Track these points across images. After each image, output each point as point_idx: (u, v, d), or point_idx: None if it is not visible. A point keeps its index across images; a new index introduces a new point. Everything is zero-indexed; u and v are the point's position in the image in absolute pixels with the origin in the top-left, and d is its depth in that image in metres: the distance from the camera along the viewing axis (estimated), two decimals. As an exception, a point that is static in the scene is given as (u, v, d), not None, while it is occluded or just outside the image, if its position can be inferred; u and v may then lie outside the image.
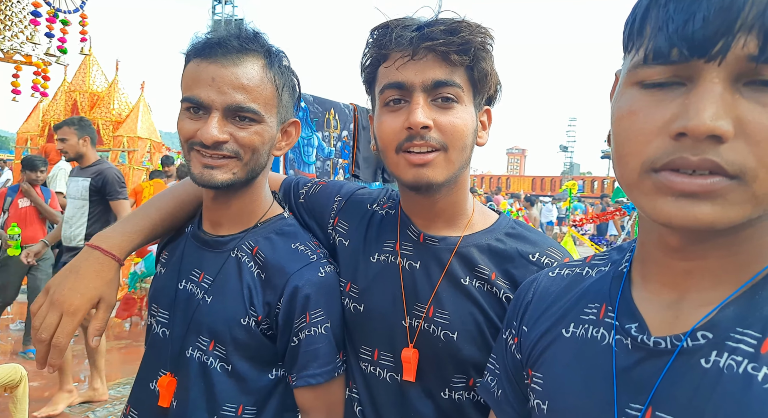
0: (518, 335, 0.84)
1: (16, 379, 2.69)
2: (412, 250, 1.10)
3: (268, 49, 1.11)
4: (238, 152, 1.07)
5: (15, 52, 4.80)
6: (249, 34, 1.10)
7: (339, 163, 4.08)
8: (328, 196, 1.27)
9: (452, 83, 0.99)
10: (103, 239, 1.15)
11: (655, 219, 0.58)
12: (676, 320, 0.63)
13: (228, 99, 1.03)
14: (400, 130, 1.00)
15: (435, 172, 1.00)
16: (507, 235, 1.10)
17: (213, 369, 1.10)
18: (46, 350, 1.03)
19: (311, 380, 1.08)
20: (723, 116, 0.51)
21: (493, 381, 0.89)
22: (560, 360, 0.74)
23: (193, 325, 1.13)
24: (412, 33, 0.98)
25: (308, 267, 1.11)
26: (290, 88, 1.16)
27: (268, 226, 1.19)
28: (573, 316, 0.76)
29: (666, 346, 0.62)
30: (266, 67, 1.09)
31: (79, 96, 8.20)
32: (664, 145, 0.55)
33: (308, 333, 1.08)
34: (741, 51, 0.51)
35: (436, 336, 1.04)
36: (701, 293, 0.62)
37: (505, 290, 1.03)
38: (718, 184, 0.53)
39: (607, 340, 0.69)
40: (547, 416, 0.73)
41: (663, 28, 0.54)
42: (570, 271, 0.84)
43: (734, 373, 0.56)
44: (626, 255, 0.76)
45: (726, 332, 0.58)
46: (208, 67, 1.04)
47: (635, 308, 0.68)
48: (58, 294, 1.06)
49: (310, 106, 3.75)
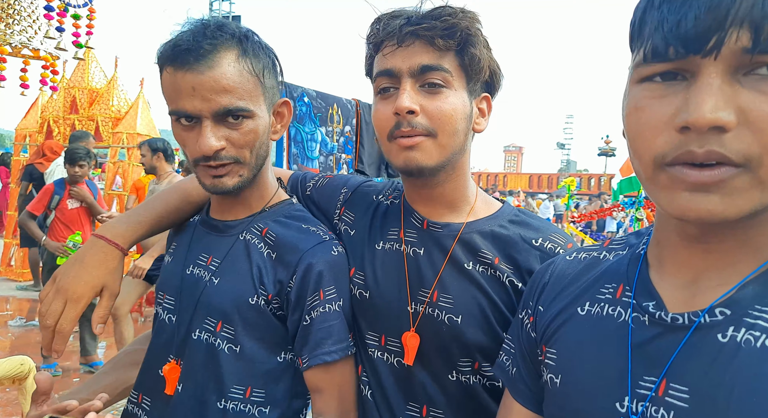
0: (534, 314, 0.86)
1: (24, 371, 2.70)
2: (415, 237, 1.12)
3: (238, 37, 1.08)
4: (236, 157, 1.08)
5: (24, 46, 4.80)
6: (215, 27, 1.06)
7: (342, 159, 4.10)
8: (334, 188, 1.30)
9: (439, 68, 1.01)
10: (108, 229, 1.17)
11: (670, 213, 0.60)
12: (694, 298, 0.65)
13: (214, 105, 1.03)
14: (390, 117, 1.02)
15: (424, 156, 1.01)
16: (510, 222, 1.11)
17: (221, 351, 1.10)
18: (51, 335, 1.06)
19: (326, 358, 1.07)
20: (723, 107, 0.54)
21: (508, 360, 0.91)
22: (575, 336, 0.76)
23: (200, 307, 1.13)
24: (399, 21, 1.02)
25: (321, 245, 1.12)
26: (271, 68, 1.14)
27: (277, 210, 1.20)
28: (589, 295, 0.78)
29: (683, 322, 0.64)
30: (241, 57, 1.06)
31: (78, 93, 8.18)
32: (672, 140, 0.58)
33: (322, 310, 1.08)
34: (735, 45, 0.53)
35: (440, 320, 1.05)
36: (718, 273, 0.64)
37: (508, 275, 1.05)
38: (726, 174, 0.55)
39: (623, 317, 0.71)
40: (560, 390, 0.75)
41: (659, 29, 0.57)
42: (587, 255, 0.86)
43: (752, 347, 0.58)
44: (644, 239, 0.78)
45: (745, 309, 0.60)
46: (185, 76, 1.02)
47: (653, 288, 0.70)
48: (63, 282, 1.09)
49: (313, 101, 3.77)
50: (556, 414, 0.76)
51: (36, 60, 5.19)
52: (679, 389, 0.61)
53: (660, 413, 0.62)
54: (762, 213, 0.59)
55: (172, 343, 1.16)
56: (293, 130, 3.62)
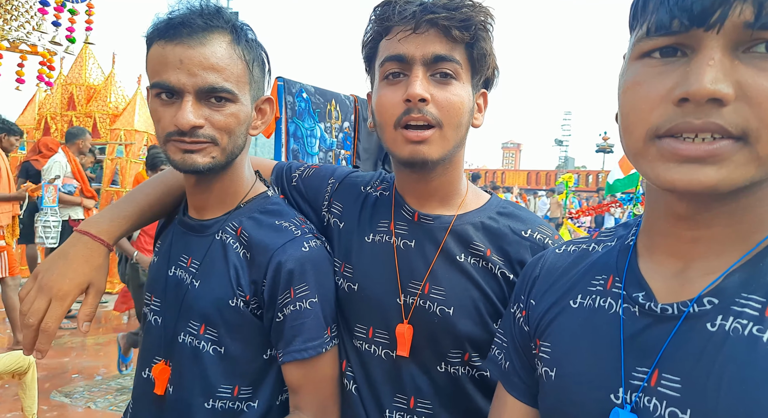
0: (526, 308, 0.86)
1: (24, 366, 2.71)
2: (406, 229, 1.12)
3: (233, 25, 1.07)
4: (214, 137, 1.05)
5: (21, 41, 4.79)
6: (212, 10, 1.05)
7: (341, 155, 4.11)
8: (321, 179, 1.28)
9: (452, 59, 1.01)
10: (92, 225, 1.14)
11: (659, 185, 0.61)
12: (682, 288, 0.66)
13: (200, 81, 1.00)
14: (398, 104, 1.01)
15: (431, 150, 1.01)
16: (498, 214, 1.12)
17: (205, 353, 1.10)
18: (33, 335, 1.03)
19: (297, 355, 1.07)
20: (722, 80, 0.55)
21: (500, 354, 0.91)
22: (568, 329, 0.77)
23: (184, 310, 1.13)
24: (415, 7, 1.00)
25: (291, 243, 1.10)
26: (260, 63, 1.13)
27: (252, 205, 1.18)
28: (580, 288, 0.79)
29: (673, 312, 0.65)
30: (233, 43, 1.06)
31: (75, 89, 8.16)
32: (668, 112, 0.58)
33: (293, 308, 1.07)
34: (738, 19, 0.54)
35: (432, 312, 1.05)
36: (706, 262, 0.65)
37: (500, 266, 1.06)
38: (725, 148, 0.56)
39: (614, 309, 0.72)
40: (555, 383, 0.76)
41: (664, 2, 0.58)
42: (576, 247, 0.87)
43: (740, 335, 0.59)
44: (632, 229, 0.79)
45: (731, 297, 0.62)
46: (174, 49, 1.00)
47: (642, 278, 0.71)
48: (46, 279, 1.05)
49: (312, 97, 3.77)
50: (552, 406, 0.77)
51: (33, 55, 5.19)
52: (671, 378, 0.62)
53: (653, 402, 0.63)
54: (747, 196, 0.61)
55: (161, 344, 1.16)
56: (293, 126, 3.62)
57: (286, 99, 3.57)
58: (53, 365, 4.55)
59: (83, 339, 5.14)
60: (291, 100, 3.61)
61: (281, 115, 3.54)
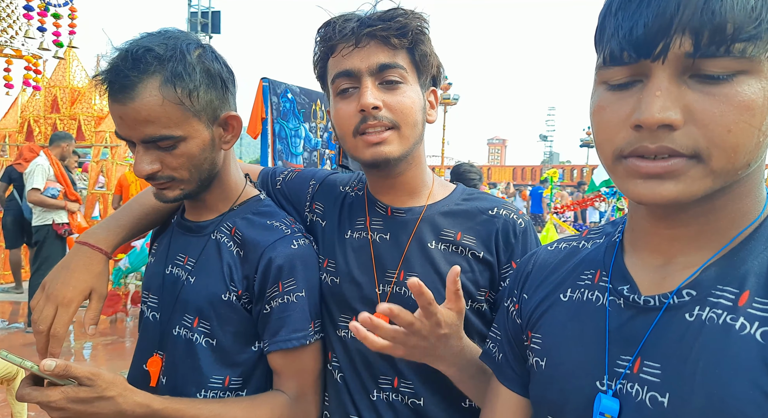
0: (519, 302, 0.91)
1: (12, 372, 2.70)
2: (381, 224, 1.20)
3: (164, 61, 1.05)
4: (172, 177, 1.12)
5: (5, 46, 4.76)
6: (139, 56, 1.04)
7: (326, 154, 4.13)
8: (303, 181, 1.36)
9: (396, 65, 1.08)
10: (90, 235, 1.23)
11: (630, 198, 0.67)
12: (663, 281, 0.70)
13: (139, 134, 1.07)
14: (354, 114, 1.08)
15: (391, 148, 1.09)
16: (464, 199, 1.21)
17: (198, 345, 1.17)
18: (45, 340, 1.11)
19: (282, 345, 1.14)
20: (671, 107, 0.60)
21: (494, 348, 0.96)
22: (558, 321, 0.81)
23: (179, 305, 1.20)
24: (353, 24, 1.08)
25: (281, 240, 1.17)
26: (210, 82, 1.11)
27: (245, 207, 1.25)
28: (570, 282, 0.83)
29: (654, 303, 0.69)
30: (163, 84, 1.04)
31: (59, 92, 8.09)
32: (628, 136, 0.64)
33: (281, 301, 1.15)
34: (679, 50, 0.59)
35: (407, 296, 1.11)
36: (685, 257, 0.70)
37: (470, 247, 1.14)
38: (678, 165, 0.61)
39: (601, 301, 0.76)
40: (545, 372, 0.80)
41: (615, 35, 0.63)
42: (567, 244, 0.91)
43: (715, 324, 0.63)
44: (619, 227, 0.83)
45: (708, 289, 0.66)
46: (113, 105, 1.06)
47: (627, 272, 0.75)
48: (52, 288, 1.14)
49: (296, 97, 3.78)
50: (542, 395, 0.81)
51: (18, 59, 5.15)
52: (652, 365, 0.67)
53: (635, 388, 0.67)
54: (719, 197, 0.65)
55: (156, 339, 1.23)
56: (277, 127, 3.63)
57: (272, 100, 3.58)
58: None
59: (70, 345, 5.11)
60: (276, 101, 3.63)
61: (267, 115, 3.56)
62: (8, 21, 4.84)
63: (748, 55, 0.57)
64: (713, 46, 0.57)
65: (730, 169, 0.61)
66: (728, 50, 0.57)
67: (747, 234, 0.67)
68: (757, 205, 0.68)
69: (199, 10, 22.75)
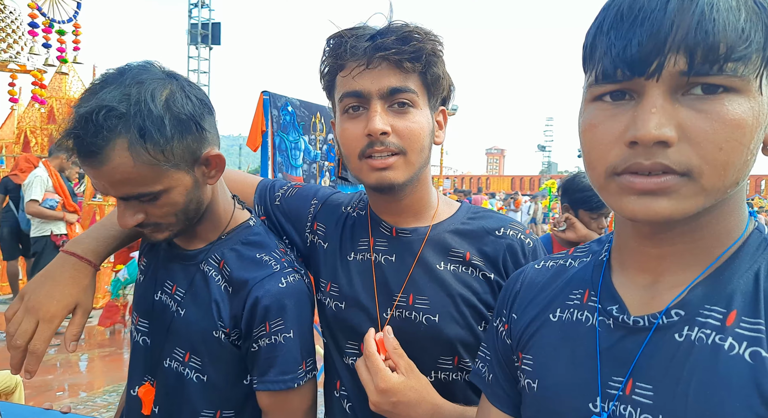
0: (508, 321, 0.90)
1: (11, 385, 2.69)
2: (386, 245, 1.16)
3: (127, 120, 0.97)
4: (158, 223, 1.09)
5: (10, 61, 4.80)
6: (101, 120, 0.96)
7: (325, 166, 4.14)
8: (304, 199, 1.31)
9: (407, 89, 1.04)
10: (77, 245, 1.15)
11: (623, 215, 0.67)
12: (652, 300, 0.71)
13: (117, 191, 1.03)
14: (360, 137, 1.04)
15: (396, 174, 1.05)
16: (470, 218, 1.17)
17: (189, 380, 1.14)
18: (21, 356, 1.04)
19: (270, 386, 1.11)
20: (666, 124, 0.60)
21: (484, 367, 0.94)
22: (548, 342, 0.81)
23: (170, 336, 1.16)
24: (365, 43, 1.03)
25: (269, 278, 1.12)
26: (183, 129, 1.03)
27: (233, 236, 1.20)
28: (559, 302, 0.83)
29: (644, 324, 0.69)
30: (132, 145, 0.98)
31: (55, 102, 8.08)
32: (622, 153, 0.64)
33: (268, 342, 1.11)
34: (673, 68, 0.60)
35: (418, 322, 1.09)
36: (673, 276, 0.70)
37: (480, 268, 1.11)
38: (671, 181, 0.61)
39: (591, 321, 0.76)
40: (537, 394, 0.79)
41: (607, 53, 0.63)
42: (554, 263, 0.91)
43: (704, 344, 0.63)
44: (605, 246, 0.83)
45: (696, 309, 0.66)
46: (84, 167, 1.02)
47: (615, 292, 0.75)
48: (33, 301, 1.06)
49: (296, 110, 3.80)
50: (534, 417, 0.80)
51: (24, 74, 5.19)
52: (644, 386, 0.67)
53: (628, 410, 0.67)
54: (704, 216, 0.66)
55: (148, 365, 1.20)
56: (278, 139, 3.65)
57: (272, 113, 3.60)
58: (37, 382, 4.49)
59: (68, 356, 5.09)
60: (276, 114, 3.64)
61: (267, 128, 3.58)
62: (13, 37, 4.88)
63: (739, 74, 0.59)
64: (707, 64, 0.59)
65: (720, 187, 0.62)
66: (721, 69, 0.58)
67: (731, 252, 0.68)
68: (740, 223, 0.69)
69: (200, 22, 22.88)
